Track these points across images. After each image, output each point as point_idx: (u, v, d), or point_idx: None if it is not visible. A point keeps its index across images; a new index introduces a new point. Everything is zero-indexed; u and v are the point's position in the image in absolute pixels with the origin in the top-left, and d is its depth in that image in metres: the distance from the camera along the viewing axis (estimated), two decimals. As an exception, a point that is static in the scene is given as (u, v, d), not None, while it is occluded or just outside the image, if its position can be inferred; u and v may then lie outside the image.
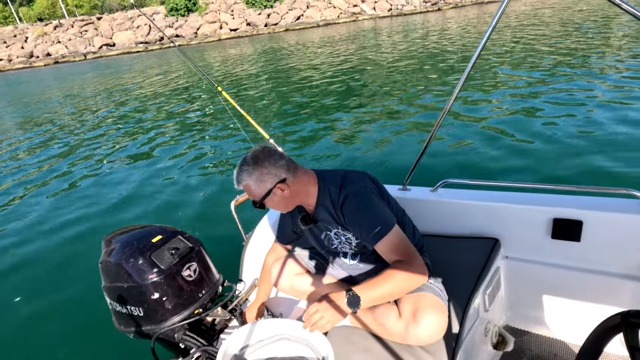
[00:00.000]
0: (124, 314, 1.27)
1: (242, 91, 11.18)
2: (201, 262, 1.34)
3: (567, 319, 1.82)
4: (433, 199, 1.95)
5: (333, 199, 1.44)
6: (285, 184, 1.38)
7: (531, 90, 7.01)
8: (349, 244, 1.52)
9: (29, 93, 18.00)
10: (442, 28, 19.91)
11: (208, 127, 8.03)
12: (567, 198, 1.71)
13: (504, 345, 1.84)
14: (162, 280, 1.22)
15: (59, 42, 37.22)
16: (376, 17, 35.85)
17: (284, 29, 35.77)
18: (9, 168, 7.35)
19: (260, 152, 1.38)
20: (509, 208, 1.79)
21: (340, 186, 1.43)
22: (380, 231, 1.33)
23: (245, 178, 1.37)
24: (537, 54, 9.90)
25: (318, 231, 1.57)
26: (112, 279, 1.25)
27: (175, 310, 1.25)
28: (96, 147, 7.82)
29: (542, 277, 1.80)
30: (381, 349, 1.38)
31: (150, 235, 1.30)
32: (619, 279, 1.62)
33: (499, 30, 14.57)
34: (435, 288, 1.43)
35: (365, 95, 8.46)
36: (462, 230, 1.93)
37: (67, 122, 10.68)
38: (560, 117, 5.56)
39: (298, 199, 1.47)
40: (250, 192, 1.40)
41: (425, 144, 1.89)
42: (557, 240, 1.71)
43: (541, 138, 4.94)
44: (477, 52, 1.57)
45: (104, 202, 5.15)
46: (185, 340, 1.26)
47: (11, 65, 35.26)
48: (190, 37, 36.94)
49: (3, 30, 40.26)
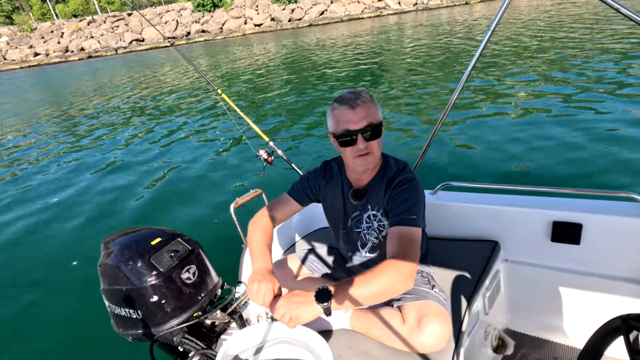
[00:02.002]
0: (122, 316, 1.26)
1: (246, 90, 11.19)
2: (200, 265, 1.34)
3: (567, 322, 1.82)
4: (433, 201, 1.96)
5: (390, 179, 1.44)
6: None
7: (531, 91, 7.02)
8: (378, 231, 1.49)
9: (64, 85, 18.15)
10: (469, 24, 19.37)
11: (207, 129, 8.04)
12: (567, 201, 1.71)
13: (504, 348, 1.83)
14: (161, 283, 1.21)
15: (92, 37, 39.09)
16: (401, 12, 35.44)
17: (308, 24, 36.00)
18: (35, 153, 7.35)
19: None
20: (509, 211, 1.78)
21: (402, 170, 1.44)
22: (412, 220, 1.30)
23: (368, 97, 1.34)
24: (538, 54, 9.92)
25: (352, 209, 1.52)
26: (111, 282, 1.25)
27: (174, 313, 1.24)
28: (93, 149, 7.82)
29: (542, 280, 1.79)
30: (380, 353, 1.38)
31: (149, 237, 1.30)
32: (619, 282, 1.61)
33: (499, 32, 14.61)
34: (440, 297, 1.43)
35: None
36: (462, 232, 1.93)
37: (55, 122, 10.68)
38: (560, 117, 5.56)
39: (377, 158, 1.42)
40: (369, 112, 1.32)
41: (425, 146, 1.89)
42: (557, 243, 1.70)
43: (541, 140, 4.94)
44: (477, 53, 1.57)
45: (102, 204, 5.15)
46: (184, 344, 1.26)
47: (48, 59, 37.07)
48: (215, 32, 37.93)
49: (42, 26, 42.67)
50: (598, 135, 4.80)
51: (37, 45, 38.97)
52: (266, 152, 2.50)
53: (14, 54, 38.18)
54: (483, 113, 6.37)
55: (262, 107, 9.26)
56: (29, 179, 6.66)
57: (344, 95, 1.34)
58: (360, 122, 1.30)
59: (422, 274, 1.54)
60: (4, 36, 40.80)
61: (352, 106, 1.30)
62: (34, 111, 13.74)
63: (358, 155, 1.35)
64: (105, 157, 7.24)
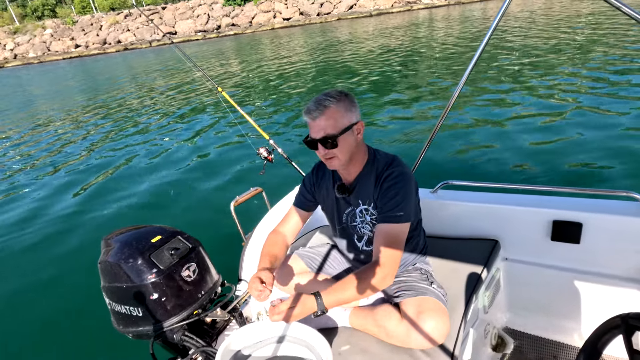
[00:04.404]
0: (123, 314, 1.26)
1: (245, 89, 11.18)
2: (200, 263, 1.34)
3: (566, 321, 1.82)
4: (433, 200, 1.96)
5: (378, 173, 1.44)
6: (361, 127, 1.39)
7: (531, 92, 7.01)
8: (372, 225, 1.50)
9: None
10: (503, 20, 18.62)
11: (208, 127, 8.04)
12: (567, 200, 1.71)
13: (503, 347, 1.83)
14: (161, 281, 1.22)
15: (128, 30, 40.72)
16: (432, 7, 34.32)
17: (336, 18, 35.75)
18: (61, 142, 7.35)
19: (343, 91, 1.37)
20: (509, 210, 1.79)
21: (390, 164, 1.44)
22: (399, 217, 1.33)
23: (332, 104, 1.32)
24: (538, 55, 9.91)
25: (344, 205, 1.55)
26: (111, 279, 1.25)
27: (175, 310, 1.24)
28: (93, 149, 7.82)
29: (542, 279, 1.80)
30: (380, 350, 1.38)
31: (149, 235, 1.30)
32: (618, 281, 1.62)
33: (498, 31, 14.58)
34: (438, 293, 1.43)
35: (367, 97, 8.47)
36: (462, 231, 1.93)
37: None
38: (561, 118, 5.56)
39: (357, 156, 1.44)
40: (330, 122, 1.32)
41: (426, 145, 1.89)
42: (556, 242, 1.71)
43: (541, 140, 4.94)
44: (477, 53, 1.57)
45: (102, 202, 5.15)
46: (185, 341, 1.26)
47: (88, 51, 39.07)
48: (245, 26, 38.46)
49: (82, 19, 45.15)
50: (598, 135, 4.80)
51: (77, 37, 40.78)
52: (266, 150, 2.50)
53: (57, 45, 39.96)
54: (483, 113, 6.36)
55: (262, 106, 9.26)
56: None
57: (309, 104, 1.37)
58: (319, 132, 1.34)
59: (421, 270, 1.55)
60: (49, 28, 42.83)
61: (312, 117, 1.34)
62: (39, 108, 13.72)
63: (324, 158, 1.41)
64: (109, 152, 7.24)
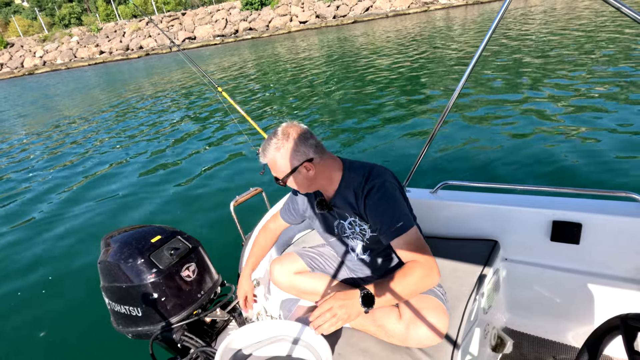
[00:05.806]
0: (122, 314, 1.26)
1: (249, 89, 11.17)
2: (200, 263, 1.34)
3: (566, 321, 1.82)
4: (432, 200, 1.96)
5: (356, 188, 1.42)
6: (312, 163, 1.36)
7: (532, 92, 7.01)
8: (362, 235, 1.50)
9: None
10: (523, 22, 17.48)
11: (208, 127, 8.04)
12: (567, 200, 1.71)
13: (502, 347, 1.83)
14: (161, 281, 1.22)
15: (149, 37, 42.09)
16: (449, 7, 33.52)
17: (352, 20, 35.41)
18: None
19: (291, 127, 1.36)
20: (509, 210, 1.78)
21: (367, 177, 1.41)
22: (402, 227, 1.31)
23: (273, 152, 1.34)
24: (539, 55, 9.91)
25: (332, 218, 1.55)
26: (111, 279, 1.25)
27: (174, 310, 1.24)
28: (93, 148, 7.82)
29: (541, 279, 1.80)
30: (379, 350, 1.38)
31: (149, 235, 1.30)
32: (618, 282, 1.62)
33: (499, 31, 14.59)
34: (438, 292, 1.43)
35: (368, 97, 8.48)
36: (462, 232, 1.93)
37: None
38: (561, 118, 5.56)
39: (321, 182, 1.44)
40: (275, 167, 1.36)
41: (425, 145, 1.89)
42: (556, 242, 1.70)
43: (541, 140, 4.94)
44: (478, 53, 1.57)
45: (102, 201, 5.15)
46: (184, 341, 1.26)
47: (112, 57, 40.52)
48: (262, 29, 38.87)
49: (106, 26, 47.11)
50: (598, 135, 4.80)
51: (102, 44, 42.36)
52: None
53: (83, 52, 41.65)
54: (483, 113, 6.36)
55: (263, 105, 9.26)
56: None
57: (261, 145, 1.40)
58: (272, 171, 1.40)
59: None
60: (75, 36, 44.87)
61: (261, 161, 1.39)
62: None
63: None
64: (108, 152, 7.24)
